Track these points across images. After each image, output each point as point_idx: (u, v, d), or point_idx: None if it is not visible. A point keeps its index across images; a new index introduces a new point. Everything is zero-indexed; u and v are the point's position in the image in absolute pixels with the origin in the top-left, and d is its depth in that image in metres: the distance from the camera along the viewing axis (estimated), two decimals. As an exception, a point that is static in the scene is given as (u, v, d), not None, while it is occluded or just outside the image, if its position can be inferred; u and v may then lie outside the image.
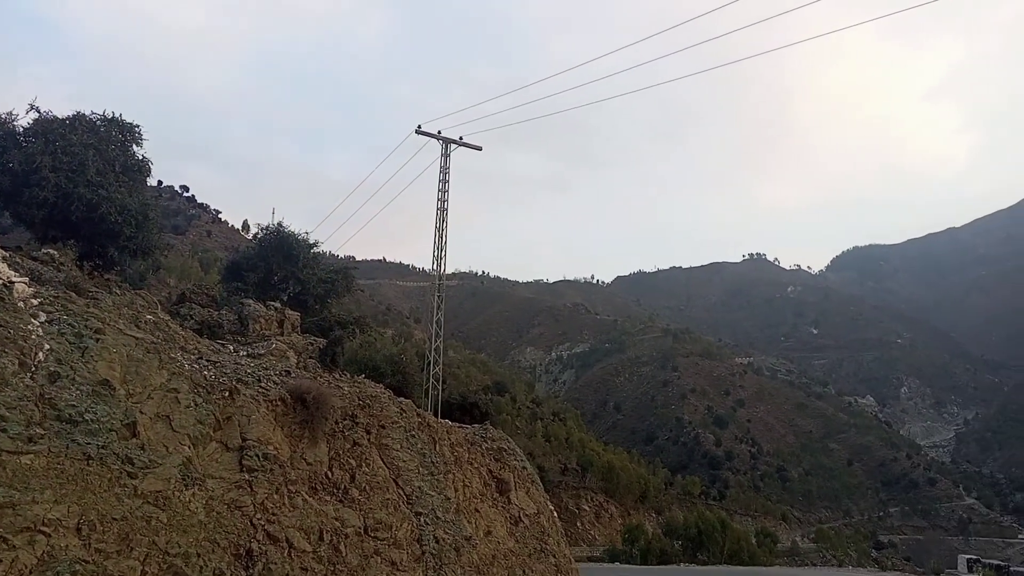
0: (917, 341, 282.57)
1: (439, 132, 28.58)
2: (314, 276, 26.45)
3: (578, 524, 64.55)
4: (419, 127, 28.84)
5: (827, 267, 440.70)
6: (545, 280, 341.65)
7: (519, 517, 15.36)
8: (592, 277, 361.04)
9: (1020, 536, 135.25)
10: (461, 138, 28.85)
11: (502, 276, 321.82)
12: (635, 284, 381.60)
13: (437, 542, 12.77)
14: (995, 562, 32.85)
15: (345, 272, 29.43)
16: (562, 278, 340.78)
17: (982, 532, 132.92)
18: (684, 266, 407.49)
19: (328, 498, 11.11)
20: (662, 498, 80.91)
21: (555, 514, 17.04)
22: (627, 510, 70.00)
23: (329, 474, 11.45)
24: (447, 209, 27.53)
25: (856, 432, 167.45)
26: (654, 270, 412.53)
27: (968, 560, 35.72)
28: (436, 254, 26.95)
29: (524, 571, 13.99)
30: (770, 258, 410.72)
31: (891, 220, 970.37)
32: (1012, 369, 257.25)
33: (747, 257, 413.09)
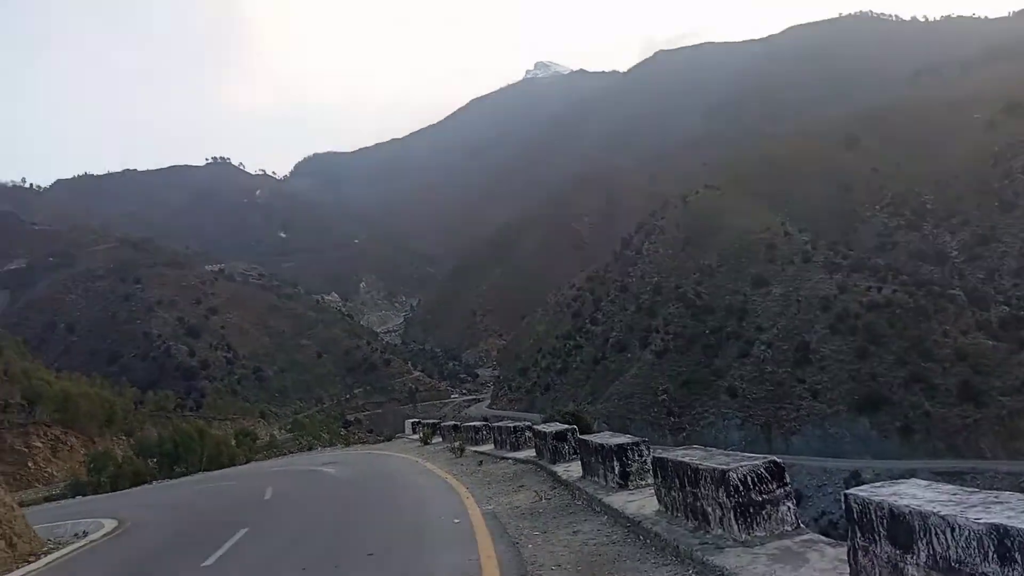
0: (372, 240, 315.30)
1: None
2: None
3: (30, 464, 56.14)
4: None
5: (291, 173, 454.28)
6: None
7: (-65, 474, 12.45)
8: (23, 180, 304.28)
9: (453, 396, 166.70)
10: None
11: None
12: (81, 189, 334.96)
13: None
14: (432, 421, 40.26)
15: None
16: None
17: (426, 398, 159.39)
18: (140, 169, 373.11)
19: None
20: (132, 419, 75.50)
21: (-11, 460, 14.28)
22: (91, 439, 63.35)
23: None
24: None
25: (324, 327, 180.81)
26: (104, 173, 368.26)
27: (412, 423, 42.65)
28: None
29: (-52, 535, 11.47)
30: (235, 163, 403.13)
31: (346, 131, 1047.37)
32: (444, 261, 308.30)
33: (211, 161, 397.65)
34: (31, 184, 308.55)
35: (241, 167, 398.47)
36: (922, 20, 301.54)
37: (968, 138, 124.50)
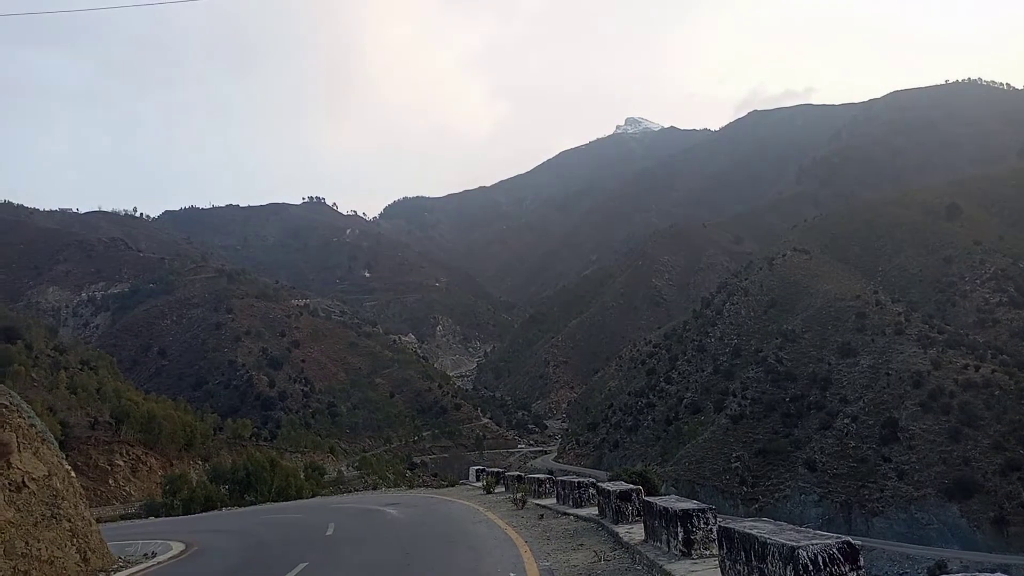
0: (451, 285, 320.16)
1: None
2: None
3: (110, 481, 58.50)
4: None
5: (380, 214, 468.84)
6: (75, 210, 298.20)
7: (23, 482, 13.07)
8: (135, 210, 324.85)
9: (519, 446, 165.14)
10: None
11: (15, 202, 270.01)
12: (186, 220, 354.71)
13: None
14: (496, 470, 39.91)
15: None
16: (96, 208, 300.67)
17: (492, 446, 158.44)
18: (242, 204, 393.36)
19: None
20: (210, 444, 77.90)
21: (71, 474, 14.95)
22: (170, 460, 65.66)
23: None
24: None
25: (399, 367, 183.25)
26: (208, 206, 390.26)
27: (476, 470, 42.31)
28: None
29: (27, 542, 11.98)
30: (329, 202, 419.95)
31: (435, 175, 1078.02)
32: (520, 309, 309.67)
33: (307, 200, 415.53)
34: (141, 214, 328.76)
35: (334, 207, 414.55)
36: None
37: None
